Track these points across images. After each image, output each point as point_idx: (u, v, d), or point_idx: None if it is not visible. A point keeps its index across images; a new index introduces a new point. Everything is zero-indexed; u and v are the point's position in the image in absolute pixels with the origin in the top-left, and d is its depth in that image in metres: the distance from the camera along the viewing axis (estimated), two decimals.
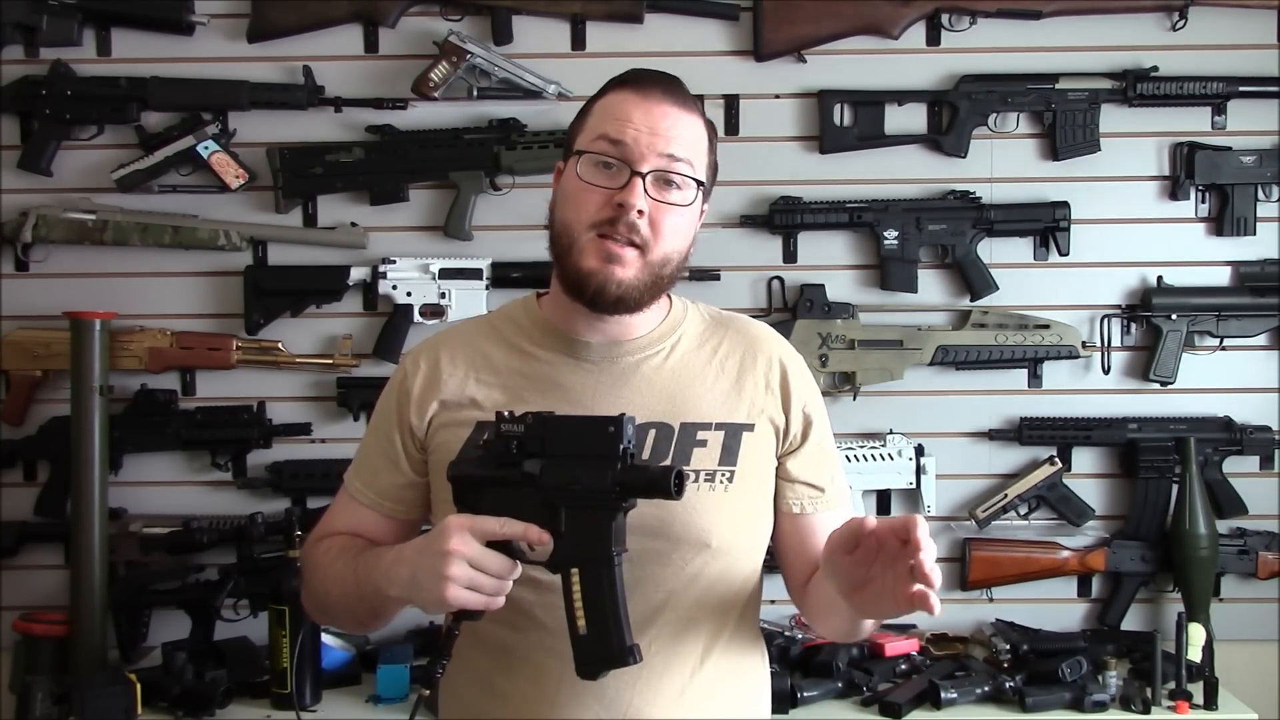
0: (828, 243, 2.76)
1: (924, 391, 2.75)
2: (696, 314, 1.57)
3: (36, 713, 2.53)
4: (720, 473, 1.45)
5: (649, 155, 1.40)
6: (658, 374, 1.49)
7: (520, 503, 1.29)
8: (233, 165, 2.70)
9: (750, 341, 1.54)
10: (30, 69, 2.73)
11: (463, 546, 1.26)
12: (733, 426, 1.47)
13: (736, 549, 1.48)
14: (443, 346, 1.54)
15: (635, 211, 1.39)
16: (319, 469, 2.72)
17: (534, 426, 1.30)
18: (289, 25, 2.72)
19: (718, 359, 1.51)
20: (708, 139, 1.49)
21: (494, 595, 1.28)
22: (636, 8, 2.70)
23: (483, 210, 2.75)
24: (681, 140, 1.43)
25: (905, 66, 2.75)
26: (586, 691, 1.39)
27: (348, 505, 1.57)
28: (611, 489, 1.26)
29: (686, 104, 1.46)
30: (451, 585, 1.26)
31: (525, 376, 1.49)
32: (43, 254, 2.75)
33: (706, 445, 1.45)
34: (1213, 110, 2.73)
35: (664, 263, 1.43)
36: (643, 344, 1.50)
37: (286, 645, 2.35)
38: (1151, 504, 2.71)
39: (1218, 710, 2.40)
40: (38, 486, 2.75)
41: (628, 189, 1.39)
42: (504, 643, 1.45)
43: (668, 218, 1.42)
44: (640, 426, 1.43)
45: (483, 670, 1.48)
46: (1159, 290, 2.73)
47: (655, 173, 1.41)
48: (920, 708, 2.39)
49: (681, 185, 1.43)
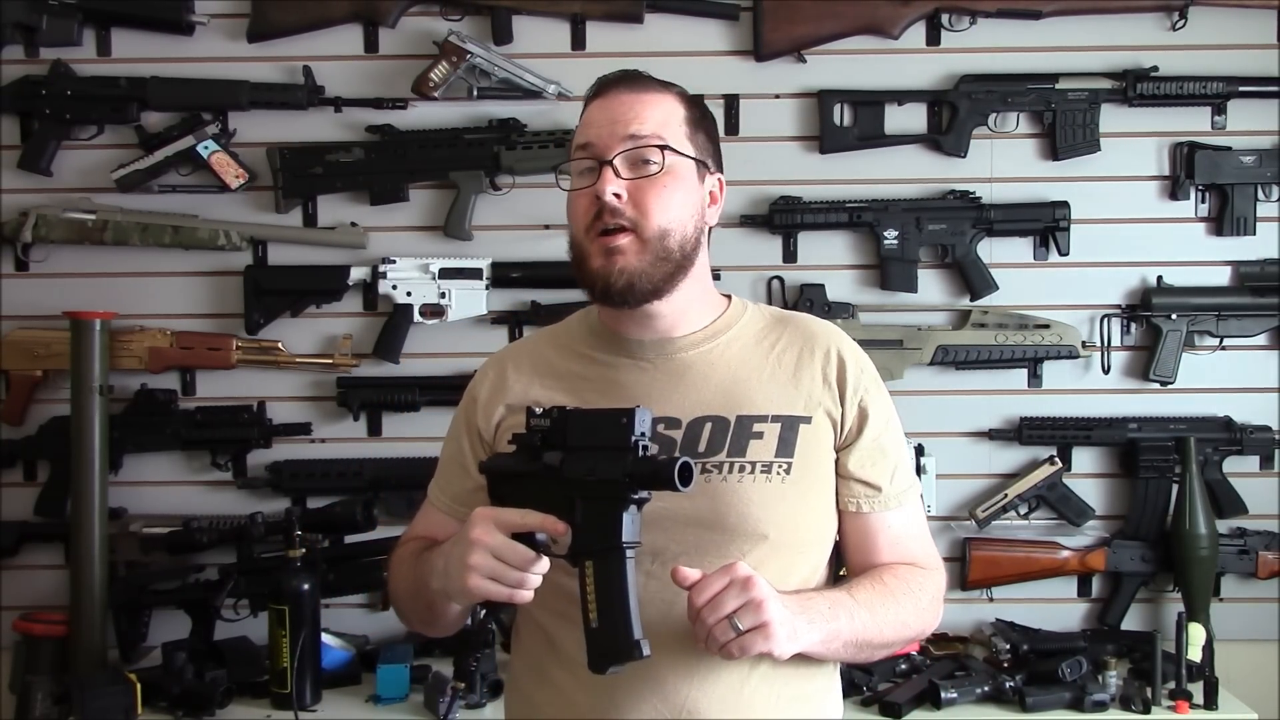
0: (828, 243, 2.76)
1: (924, 391, 2.74)
2: (757, 313, 1.58)
3: (36, 713, 2.53)
4: (777, 464, 1.45)
5: (612, 143, 1.44)
6: (713, 369, 1.50)
7: (544, 494, 1.32)
8: (233, 165, 2.70)
9: (809, 336, 1.54)
10: (30, 69, 2.73)
11: (486, 536, 1.30)
12: (789, 419, 1.47)
13: (797, 542, 1.47)
14: (509, 356, 1.61)
15: (611, 195, 1.42)
16: (319, 469, 2.73)
17: (557, 420, 1.33)
18: (289, 25, 2.72)
19: (775, 353, 1.52)
20: (685, 112, 1.50)
21: (516, 587, 1.31)
22: (636, 8, 2.70)
23: (483, 210, 2.75)
24: (642, 119, 1.45)
25: (905, 66, 2.75)
26: (644, 685, 1.40)
27: (427, 511, 1.63)
28: (622, 479, 1.28)
29: (647, 88, 1.49)
30: (473, 574, 1.30)
31: (585, 378, 1.52)
32: (43, 254, 2.75)
33: (763, 437, 1.46)
34: (1213, 110, 2.73)
35: (662, 235, 1.44)
36: (696, 339, 1.51)
37: (286, 645, 2.35)
38: (1151, 504, 2.71)
39: (1218, 710, 2.40)
40: (38, 486, 2.75)
41: (600, 179, 1.43)
42: (559, 635, 1.47)
43: (649, 191, 1.44)
44: (696, 420, 1.46)
45: (541, 664, 1.50)
46: (1159, 290, 2.73)
47: (622, 154, 1.44)
48: (920, 708, 2.39)
49: (653, 158, 1.44)
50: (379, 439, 2.77)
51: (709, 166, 1.52)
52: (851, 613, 1.41)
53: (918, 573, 1.52)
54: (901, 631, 1.49)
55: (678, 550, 1.41)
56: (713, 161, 1.53)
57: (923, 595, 1.50)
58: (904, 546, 1.53)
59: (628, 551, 1.30)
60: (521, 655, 1.55)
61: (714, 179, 1.53)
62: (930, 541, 1.58)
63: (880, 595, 1.46)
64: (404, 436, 2.75)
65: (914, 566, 1.52)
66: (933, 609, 1.53)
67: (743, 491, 1.42)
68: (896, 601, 1.47)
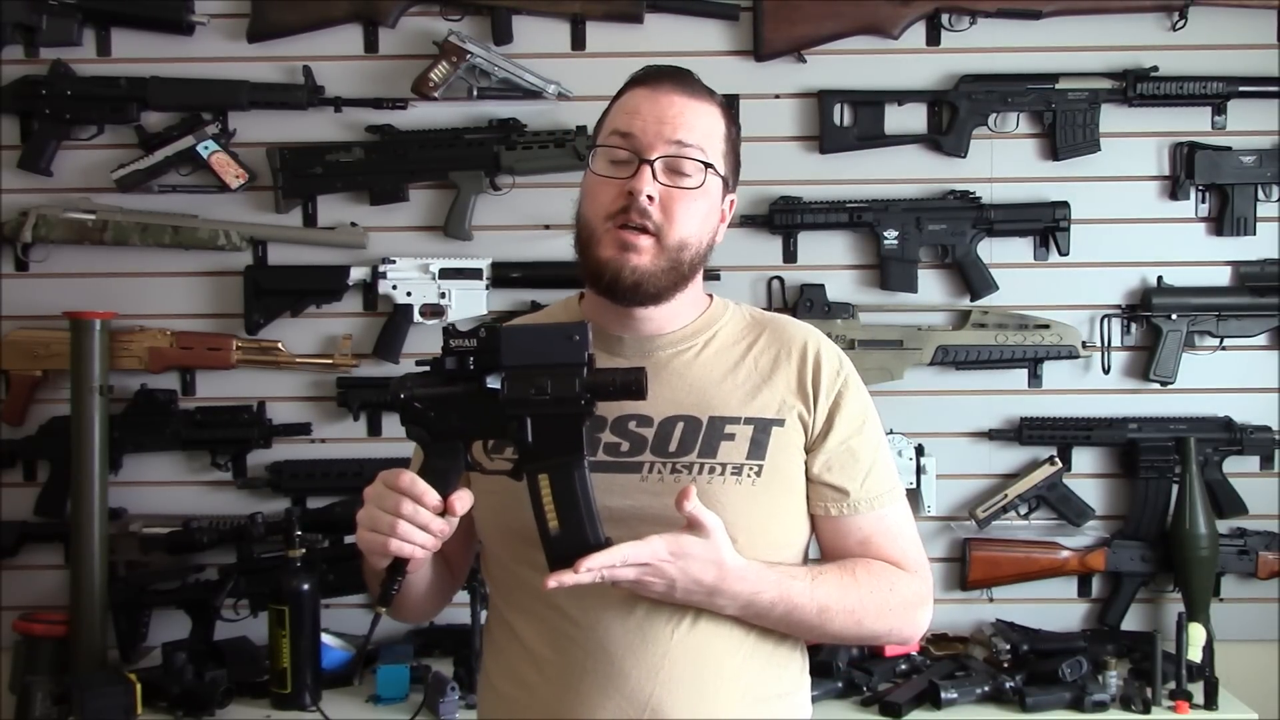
0: (828, 243, 2.76)
1: (924, 391, 2.74)
2: (738, 313, 1.57)
3: (36, 713, 2.53)
4: (748, 466, 1.44)
5: (657, 143, 1.43)
6: (689, 369, 1.49)
7: (477, 416, 1.32)
8: (233, 165, 2.70)
9: (787, 338, 1.52)
10: (30, 69, 2.73)
11: (370, 489, 1.33)
12: (762, 421, 1.46)
13: (767, 544, 1.44)
14: None
15: (645, 197, 1.41)
16: (319, 469, 2.73)
17: (487, 340, 1.31)
18: (289, 25, 2.72)
19: (751, 355, 1.51)
20: (725, 129, 1.49)
21: (389, 534, 1.30)
22: (636, 8, 2.70)
23: (483, 210, 2.75)
24: (690, 127, 1.44)
25: (905, 66, 2.75)
26: (608, 684, 1.40)
27: None
28: (582, 394, 1.29)
29: (698, 94, 1.48)
30: (359, 529, 1.32)
31: None
32: (43, 254, 2.75)
33: (734, 439, 1.45)
34: (1213, 110, 2.73)
35: (680, 247, 1.44)
36: (675, 339, 1.51)
37: (286, 645, 2.35)
38: (1151, 504, 2.71)
39: (1218, 710, 2.40)
40: (38, 486, 2.75)
41: (637, 176, 1.42)
42: (525, 633, 1.47)
43: (680, 202, 1.43)
44: (669, 419, 1.45)
45: (510, 661, 1.49)
46: (1159, 290, 2.73)
47: (664, 159, 1.43)
48: (920, 708, 2.39)
49: (692, 172, 1.44)
50: (379, 439, 2.77)
51: (730, 185, 1.51)
52: (793, 608, 1.40)
53: (894, 572, 1.48)
54: (855, 629, 1.46)
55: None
56: (733, 180, 1.52)
57: (893, 595, 1.46)
58: (875, 549, 1.49)
59: (586, 459, 1.31)
60: (492, 653, 1.54)
61: (730, 199, 1.52)
62: (915, 546, 1.53)
63: (842, 589, 1.43)
64: (404, 437, 2.73)
65: (893, 566, 1.49)
66: (905, 611, 1.48)
67: (711, 493, 1.40)
68: (859, 597, 1.44)
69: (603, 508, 1.34)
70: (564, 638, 1.43)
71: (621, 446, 1.45)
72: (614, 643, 1.40)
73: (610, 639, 1.40)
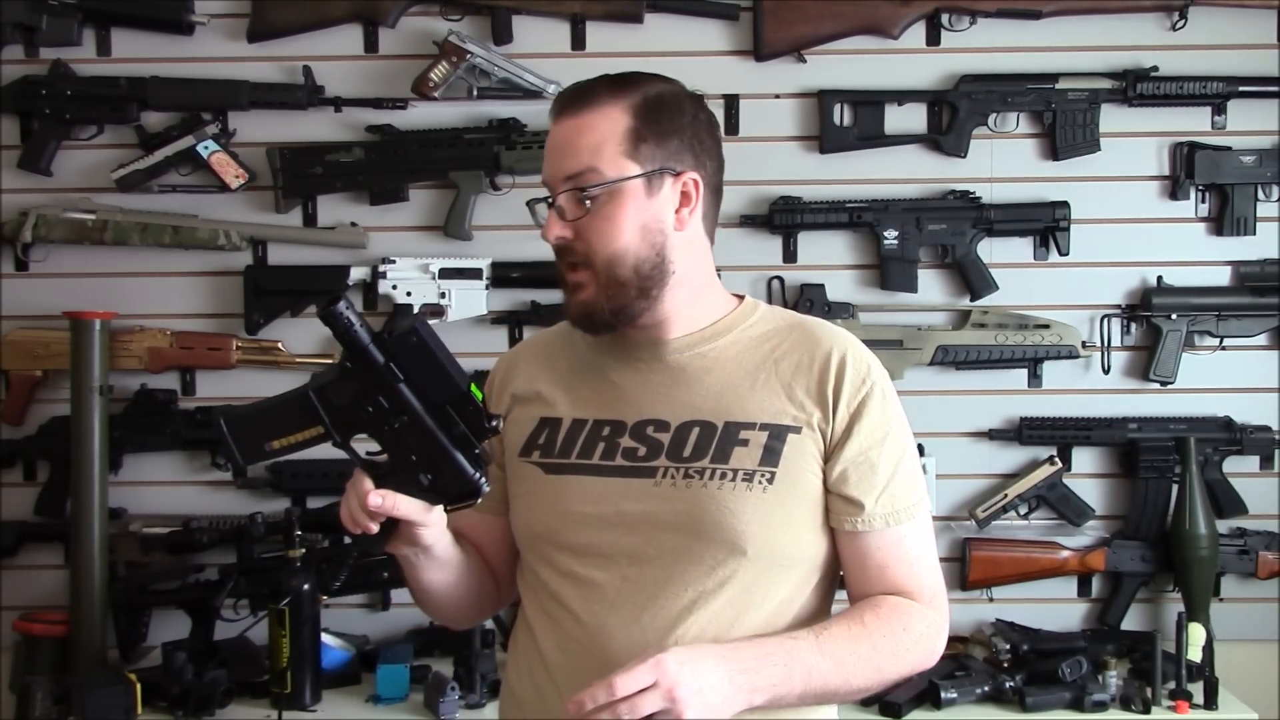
0: (828, 243, 2.76)
1: (924, 391, 2.74)
2: (769, 314, 1.53)
3: (36, 713, 2.53)
4: (760, 473, 1.40)
5: (555, 183, 1.43)
6: (708, 372, 1.47)
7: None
8: (233, 165, 2.70)
9: (813, 343, 1.47)
10: (30, 69, 2.73)
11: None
12: (778, 428, 1.42)
13: (777, 556, 1.41)
14: (521, 350, 1.64)
15: (555, 239, 1.42)
16: (319, 469, 2.72)
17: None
18: (289, 25, 2.72)
19: (773, 359, 1.47)
20: (629, 123, 1.41)
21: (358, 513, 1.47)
22: (636, 8, 2.70)
23: (483, 210, 2.75)
24: (574, 150, 1.41)
25: (905, 66, 2.75)
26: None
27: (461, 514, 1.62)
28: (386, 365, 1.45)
29: (585, 108, 1.42)
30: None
31: (581, 376, 1.52)
32: (43, 254, 2.75)
33: (748, 445, 1.41)
34: (1213, 110, 2.73)
35: (612, 264, 1.40)
36: (691, 341, 1.48)
37: (286, 645, 2.35)
38: (1151, 504, 2.71)
39: (1218, 710, 2.40)
40: (38, 486, 2.75)
41: (547, 223, 1.43)
42: (541, 634, 1.47)
43: (589, 226, 1.41)
44: (684, 424, 1.44)
45: (529, 663, 1.49)
46: (1159, 290, 2.73)
47: (562, 194, 1.42)
48: (920, 708, 2.39)
49: (593, 193, 1.40)
50: None
51: (669, 171, 1.42)
52: (810, 669, 1.34)
53: (905, 608, 1.43)
54: (876, 676, 1.41)
55: (654, 554, 1.40)
56: (678, 161, 1.43)
57: (907, 634, 1.42)
58: (892, 573, 1.44)
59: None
60: (513, 653, 1.54)
61: (681, 181, 1.44)
62: (932, 574, 1.48)
63: (853, 640, 1.38)
64: None
65: (904, 600, 1.44)
66: (920, 646, 1.43)
67: (721, 499, 1.38)
68: (872, 644, 1.39)
69: (617, 512, 1.34)
70: (572, 641, 1.43)
71: (639, 451, 1.43)
72: (618, 648, 1.38)
73: (614, 645, 1.39)
